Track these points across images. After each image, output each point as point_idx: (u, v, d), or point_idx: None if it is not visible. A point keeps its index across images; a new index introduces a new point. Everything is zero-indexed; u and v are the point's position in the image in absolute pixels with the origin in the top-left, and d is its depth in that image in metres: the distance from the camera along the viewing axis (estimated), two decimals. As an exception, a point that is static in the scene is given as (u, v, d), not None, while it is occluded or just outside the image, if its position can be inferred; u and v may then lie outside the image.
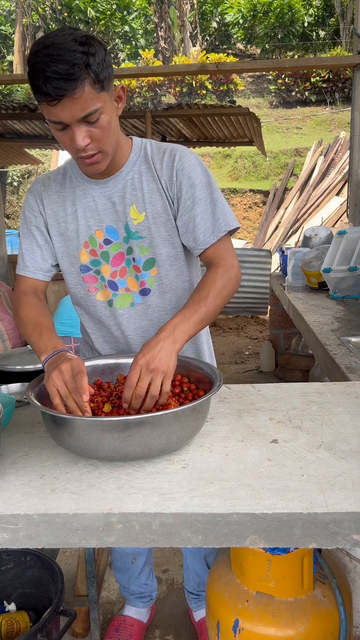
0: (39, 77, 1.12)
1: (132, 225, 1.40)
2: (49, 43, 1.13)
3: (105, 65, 1.17)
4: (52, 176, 1.47)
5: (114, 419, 1.01)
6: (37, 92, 1.15)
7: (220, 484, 0.99)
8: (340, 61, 5.46)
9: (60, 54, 1.11)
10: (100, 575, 2.03)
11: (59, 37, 1.14)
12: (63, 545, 0.95)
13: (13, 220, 12.73)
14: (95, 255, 1.44)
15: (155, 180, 1.39)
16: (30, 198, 1.47)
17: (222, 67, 5.19)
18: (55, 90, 1.12)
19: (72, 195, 1.43)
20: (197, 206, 1.37)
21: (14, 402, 1.25)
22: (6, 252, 6.05)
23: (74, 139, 1.21)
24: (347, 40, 15.59)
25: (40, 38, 1.17)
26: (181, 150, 1.40)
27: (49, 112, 1.18)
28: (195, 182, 1.37)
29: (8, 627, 1.49)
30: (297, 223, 9.87)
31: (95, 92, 1.16)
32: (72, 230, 1.43)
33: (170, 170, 1.37)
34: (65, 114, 1.16)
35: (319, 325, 2.50)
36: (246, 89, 16.04)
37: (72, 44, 1.12)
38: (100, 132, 1.22)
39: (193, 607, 1.92)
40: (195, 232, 1.38)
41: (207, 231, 1.38)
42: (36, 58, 1.13)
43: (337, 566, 1.36)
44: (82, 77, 1.13)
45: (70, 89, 1.12)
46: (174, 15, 17.06)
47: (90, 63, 1.14)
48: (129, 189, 1.39)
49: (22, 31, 17.97)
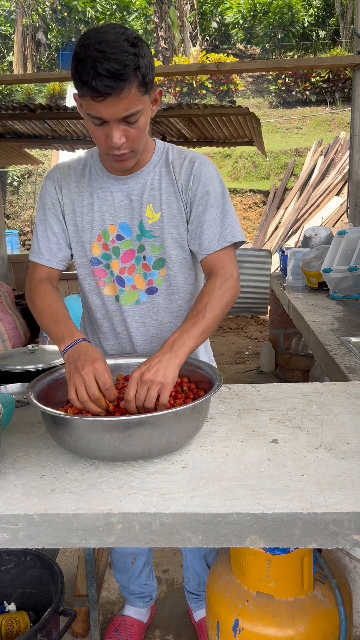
0: (88, 72, 1.13)
1: (146, 224, 1.42)
2: (101, 39, 1.14)
3: (151, 68, 1.20)
4: (73, 166, 1.47)
5: (114, 419, 1.01)
6: (84, 85, 1.16)
7: (220, 484, 0.99)
8: (340, 61, 5.47)
9: (114, 53, 1.12)
10: (100, 575, 2.03)
11: (111, 34, 1.15)
12: (63, 545, 0.95)
13: (13, 220, 12.73)
14: (107, 249, 1.45)
15: (173, 183, 1.42)
16: (49, 184, 1.47)
17: (222, 67, 5.19)
18: (104, 88, 1.14)
19: (91, 188, 1.44)
20: (208, 213, 1.40)
21: (14, 402, 1.25)
22: (6, 252, 6.05)
23: (111, 136, 1.23)
24: (347, 40, 15.58)
25: (89, 32, 1.18)
26: (201, 158, 1.43)
27: (90, 106, 1.19)
28: (210, 189, 1.40)
29: (8, 627, 1.49)
30: (297, 223, 9.87)
31: (140, 94, 1.19)
32: (87, 221, 1.45)
33: (188, 175, 1.41)
34: (109, 111, 1.18)
35: (319, 325, 2.50)
36: (246, 89, 16.04)
37: (124, 44, 1.14)
38: (136, 132, 1.25)
39: (193, 607, 1.92)
40: (201, 237, 1.40)
41: (213, 238, 1.40)
42: (87, 52, 1.14)
43: (337, 566, 1.36)
44: (131, 78, 1.15)
45: (118, 88, 1.14)
46: (174, 16, 17.05)
47: (140, 65, 1.16)
48: (147, 188, 1.42)
49: (22, 31, 17.96)
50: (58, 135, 6.46)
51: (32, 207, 12.73)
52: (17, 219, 12.75)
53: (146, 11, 18.69)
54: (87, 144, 6.60)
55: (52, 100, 14.96)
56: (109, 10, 18.19)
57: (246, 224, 11.33)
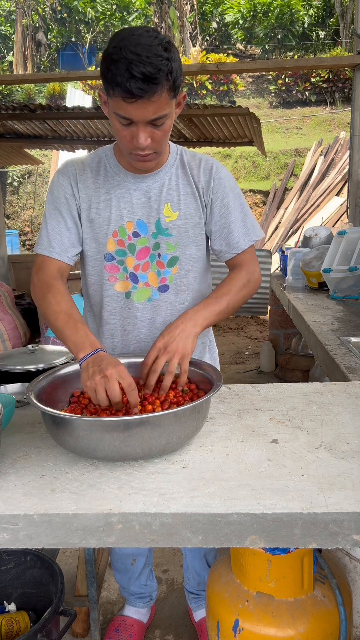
0: (123, 74, 1.15)
1: (164, 222, 1.45)
2: (136, 42, 1.16)
3: (180, 73, 1.22)
4: (87, 162, 1.48)
5: (114, 419, 1.01)
6: (117, 86, 1.17)
7: (220, 484, 0.99)
8: (340, 61, 5.47)
9: (149, 57, 1.14)
10: (100, 575, 2.03)
11: (145, 37, 1.17)
12: (63, 546, 0.95)
13: (13, 220, 12.73)
14: (123, 245, 1.46)
15: (190, 184, 1.46)
16: (63, 179, 1.46)
17: (222, 67, 5.19)
18: (138, 90, 1.15)
19: (107, 184, 1.45)
20: (232, 214, 1.47)
21: (14, 402, 1.25)
22: (6, 252, 6.06)
23: (137, 137, 1.25)
24: (347, 40, 15.58)
25: (123, 33, 1.19)
26: (216, 161, 1.51)
27: (120, 106, 1.20)
28: (229, 192, 1.47)
29: (8, 627, 1.49)
30: (297, 223, 9.87)
31: (169, 99, 1.22)
32: (104, 217, 1.45)
33: (208, 177, 1.46)
34: (138, 113, 1.20)
35: (319, 325, 2.50)
36: (246, 89, 16.04)
37: (158, 48, 1.16)
38: (161, 135, 1.28)
39: (193, 607, 1.92)
40: (229, 238, 1.48)
41: (239, 237, 1.48)
42: (122, 53, 1.15)
43: (337, 566, 1.36)
44: (163, 83, 1.17)
45: (151, 91, 1.16)
46: (174, 16, 17.05)
47: (172, 70, 1.18)
48: (165, 187, 1.45)
49: (22, 31, 17.97)
50: (58, 135, 6.46)
51: (32, 207, 12.73)
52: (17, 219, 12.75)
53: (146, 11, 18.68)
54: (87, 144, 6.60)
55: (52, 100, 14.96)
56: (109, 10, 18.19)
57: (246, 224, 11.30)
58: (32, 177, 13.16)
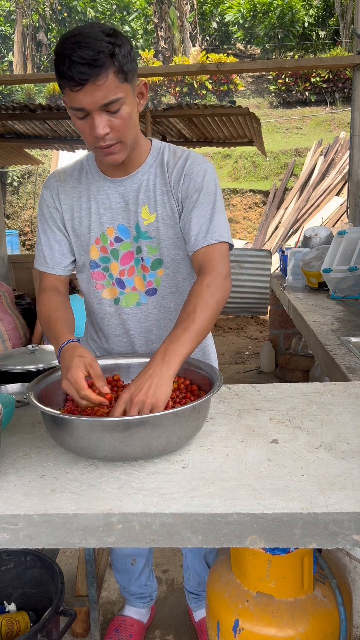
0: (64, 62, 1.15)
1: (142, 225, 1.42)
2: (77, 32, 1.17)
3: (130, 59, 1.20)
4: (69, 171, 1.48)
5: (114, 419, 1.01)
6: (62, 77, 1.17)
7: (220, 484, 0.99)
8: (340, 61, 5.47)
9: (87, 42, 1.14)
10: (100, 575, 2.03)
11: (87, 28, 1.18)
12: (63, 546, 0.95)
13: (13, 220, 12.73)
14: (106, 252, 1.46)
15: (166, 183, 1.40)
16: (46, 194, 1.48)
17: (222, 67, 5.19)
18: (79, 75, 1.14)
19: (88, 191, 1.44)
20: (197, 209, 1.37)
21: (14, 402, 1.25)
22: (6, 252, 6.05)
23: (94, 127, 1.22)
24: (347, 40, 15.58)
25: (69, 31, 1.20)
26: (195, 156, 1.41)
27: (71, 98, 1.20)
28: (200, 187, 1.37)
29: (8, 627, 1.49)
30: (297, 223, 9.87)
31: (119, 82, 1.18)
32: (85, 225, 1.45)
33: (179, 173, 1.39)
34: (87, 100, 1.18)
35: (319, 325, 2.50)
36: (246, 89, 16.03)
37: (99, 34, 1.16)
38: (121, 122, 1.24)
39: (193, 607, 1.92)
40: (189, 233, 1.37)
41: (200, 234, 1.36)
42: (63, 46, 1.16)
43: (337, 566, 1.36)
44: (106, 65, 1.15)
45: (94, 74, 1.15)
46: (173, 16, 17.05)
47: (116, 53, 1.16)
48: (143, 189, 1.41)
49: (22, 31, 17.97)
50: (58, 135, 6.47)
51: (32, 207, 12.73)
52: (17, 219, 12.75)
53: (146, 11, 18.69)
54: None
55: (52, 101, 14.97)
56: (109, 10, 18.19)
57: (246, 224, 11.33)
58: (32, 177, 13.16)
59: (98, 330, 1.57)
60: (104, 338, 1.57)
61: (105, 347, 1.57)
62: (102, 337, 1.57)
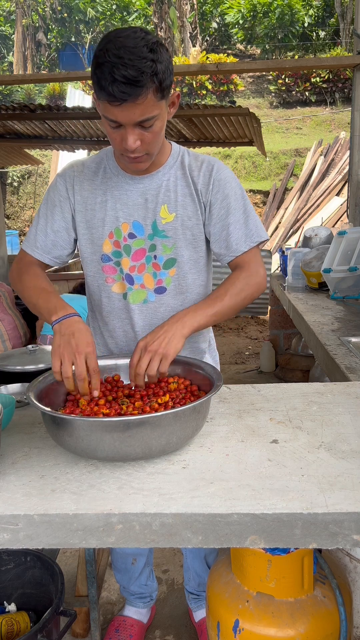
0: (106, 77, 1.15)
1: (160, 224, 1.44)
2: (120, 45, 1.15)
3: (169, 73, 1.21)
4: (87, 164, 1.49)
5: (114, 419, 1.01)
6: (102, 90, 1.17)
7: (221, 484, 0.99)
8: (340, 61, 5.46)
9: (131, 59, 1.14)
10: (101, 575, 2.03)
11: (131, 39, 1.16)
12: (63, 546, 0.95)
13: (13, 220, 12.73)
14: (118, 246, 1.46)
15: (189, 186, 1.44)
16: (60, 182, 1.48)
17: (222, 68, 5.19)
18: (120, 94, 1.15)
19: (104, 185, 1.45)
20: (231, 215, 1.43)
21: (14, 402, 1.25)
22: (6, 252, 6.06)
23: (126, 140, 1.24)
24: (347, 40, 15.58)
25: (110, 34, 1.19)
26: (219, 163, 1.47)
27: (107, 110, 1.21)
28: (230, 193, 1.44)
29: (8, 627, 1.49)
30: (297, 223, 9.87)
31: (156, 100, 1.20)
32: (99, 219, 1.46)
33: (207, 178, 1.43)
34: (124, 116, 1.20)
35: (319, 325, 2.50)
36: (246, 89, 16.04)
37: (143, 50, 1.15)
38: (152, 136, 1.27)
39: (193, 607, 1.92)
40: (228, 240, 1.44)
41: (239, 239, 1.44)
42: (106, 56, 1.15)
43: (337, 566, 1.36)
44: (147, 85, 1.16)
45: (134, 94, 1.16)
46: (173, 16, 17.05)
47: (157, 71, 1.17)
48: (163, 189, 1.44)
49: (22, 31, 17.98)
50: (58, 135, 6.46)
51: (32, 208, 12.73)
52: (17, 219, 12.75)
53: (146, 11, 18.69)
54: (87, 144, 6.60)
55: (52, 101, 14.96)
56: (109, 10, 18.19)
57: (246, 224, 11.30)
58: (32, 177, 13.16)
59: (102, 325, 1.57)
60: (107, 333, 1.57)
61: (109, 342, 1.57)
62: (106, 332, 1.57)
